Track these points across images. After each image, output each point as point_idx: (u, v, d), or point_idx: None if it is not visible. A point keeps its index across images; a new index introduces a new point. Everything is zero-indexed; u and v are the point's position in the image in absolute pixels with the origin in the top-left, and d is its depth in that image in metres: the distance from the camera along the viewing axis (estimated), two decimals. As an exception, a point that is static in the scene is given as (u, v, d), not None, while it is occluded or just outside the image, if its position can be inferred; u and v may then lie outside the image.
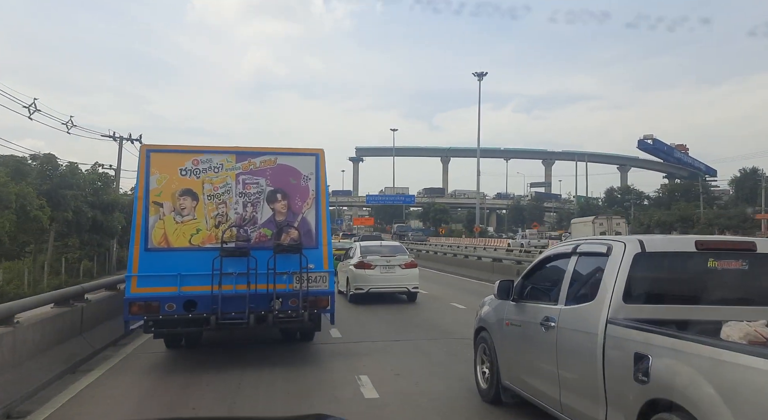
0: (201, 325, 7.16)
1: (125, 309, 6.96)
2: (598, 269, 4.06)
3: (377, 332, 9.83)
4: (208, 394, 6.08)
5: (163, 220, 7.24)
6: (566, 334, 4.17)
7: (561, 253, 4.84)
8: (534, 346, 4.69)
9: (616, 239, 4.18)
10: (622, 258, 3.85)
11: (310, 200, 7.74)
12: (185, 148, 7.80)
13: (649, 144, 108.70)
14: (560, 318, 4.27)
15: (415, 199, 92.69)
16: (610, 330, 3.67)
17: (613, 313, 3.71)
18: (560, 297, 4.40)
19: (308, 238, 7.53)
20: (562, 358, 4.21)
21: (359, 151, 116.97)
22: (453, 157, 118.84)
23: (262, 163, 7.71)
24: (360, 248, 14.68)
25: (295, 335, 8.79)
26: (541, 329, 4.48)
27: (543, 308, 4.62)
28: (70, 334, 7.31)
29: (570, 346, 4.12)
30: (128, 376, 6.92)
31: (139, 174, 7.42)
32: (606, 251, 4.06)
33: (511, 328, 5.18)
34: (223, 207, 7.47)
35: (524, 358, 4.91)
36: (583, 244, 4.56)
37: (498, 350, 5.42)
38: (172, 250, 7.18)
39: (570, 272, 4.45)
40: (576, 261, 4.46)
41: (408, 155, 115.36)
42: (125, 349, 8.32)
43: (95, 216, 26.77)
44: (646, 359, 3.24)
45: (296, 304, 7.23)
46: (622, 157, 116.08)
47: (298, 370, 7.04)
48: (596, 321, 3.78)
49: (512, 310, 5.20)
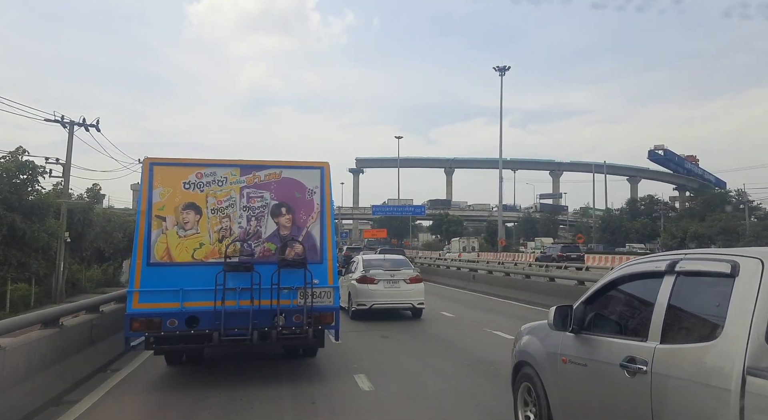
0: (203, 342, 7.25)
1: (126, 325, 7.05)
2: (719, 295, 3.08)
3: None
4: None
5: (166, 234, 7.36)
6: (667, 383, 3.19)
7: (647, 271, 3.80)
8: (610, 396, 3.73)
9: (746, 254, 3.11)
10: (761, 281, 2.87)
11: (315, 214, 7.87)
12: (189, 161, 7.94)
13: (659, 155, 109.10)
14: (655, 360, 3.29)
15: (425, 210, 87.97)
16: (752, 385, 2.65)
17: (754, 359, 2.70)
18: (651, 331, 3.42)
19: (313, 253, 7.65)
20: (660, 416, 3.23)
21: (359, 162, 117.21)
22: (457, 168, 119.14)
23: (267, 177, 7.85)
24: (363, 262, 14.57)
25: (298, 352, 8.89)
26: (622, 373, 3.52)
27: (623, 345, 3.65)
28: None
29: (675, 401, 3.12)
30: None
31: (141, 187, 7.55)
32: (730, 271, 3.05)
33: (571, 367, 4.22)
34: (227, 221, 7.60)
35: (593, 407, 3.97)
36: (687, 261, 3.46)
37: (550, 394, 4.48)
38: (175, 265, 7.29)
39: (666, 297, 3.42)
40: (673, 283, 3.43)
41: (410, 166, 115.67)
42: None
43: (12, 222, 20.34)
44: None
45: (300, 320, 7.33)
46: (633, 168, 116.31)
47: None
48: (727, 369, 2.78)
49: (571, 343, 4.25)
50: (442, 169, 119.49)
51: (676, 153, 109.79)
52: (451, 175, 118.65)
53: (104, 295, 10.60)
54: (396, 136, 76.85)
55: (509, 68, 57.63)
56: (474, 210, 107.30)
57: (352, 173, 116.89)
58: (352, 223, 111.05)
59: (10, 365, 5.64)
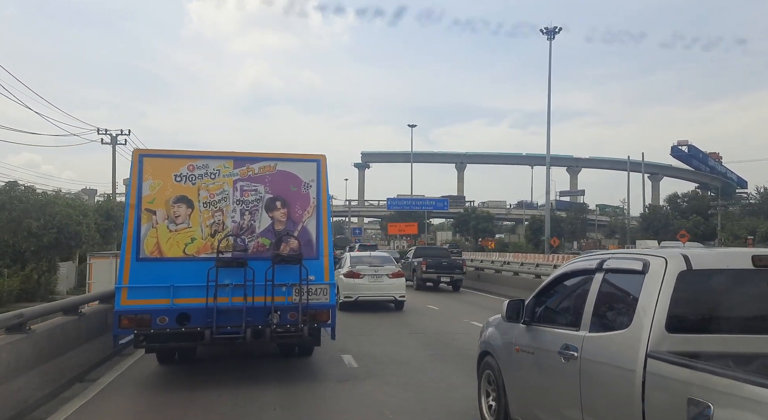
0: (195, 340, 7.37)
1: (115, 322, 7.17)
2: (632, 290, 3.70)
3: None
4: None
5: (156, 229, 7.46)
6: (591, 367, 3.81)
7: (582, 269, 4.50)
8: (551, 379, 4.39)
9: (655, 254, 3.77)
10: (663, 277, 3.48)
11: (310, 208, 7.96)
12: (180, 153, 8.03)
13: (683, 151, 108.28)
14: (584, 347, 3.93)
15: (448, 205, 79.68)
16: (652, 366, 3.26)
17: (654, 344, 3.33)
18: (582, 322, 4.06)
19: (309, 249, 7.75)
20: (587, 395, 3.86)
21: (365, 156, 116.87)
22: (469, 163, 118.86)
23: (261, 169, 7.94)
24: (350, 258, 16.71)
25: (294, 350, 8.99)
26: (559, 359, 4.16)
27: (561, 334, 4.31)
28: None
29: (597, 382, 3.75)
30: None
31: (131, 180, 7.63)
32: (642, 268, 3.66)
33: (522, 355, 4.90)
34: (220, 215, 7.70)
35: (539, 391, 4.61)
36: (612, 260, 4.18)
37: (506, 380, 5.16)
38: (165, 260, 7.39)
39: (594, 292, 4.08)
40: (601, 279, 4.10)
41: (419, 161, 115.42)
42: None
43: None
44: (705, 408, 2.80)
45: (295, 317, 7.43)
46: (654, 164, 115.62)
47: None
48: (633, 354, 3.40)
49: (523, 334, 4.93)
50: (453, 165, 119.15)
51: (700, 149, 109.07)
52: (463, 171, 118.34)
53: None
54: (409, 124, 73.09)
55: (560, 30, 45.76)
56: (489, 208, 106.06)
57: (358, 168, 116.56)
58: (356, 220, 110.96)
59: None
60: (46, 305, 8.46)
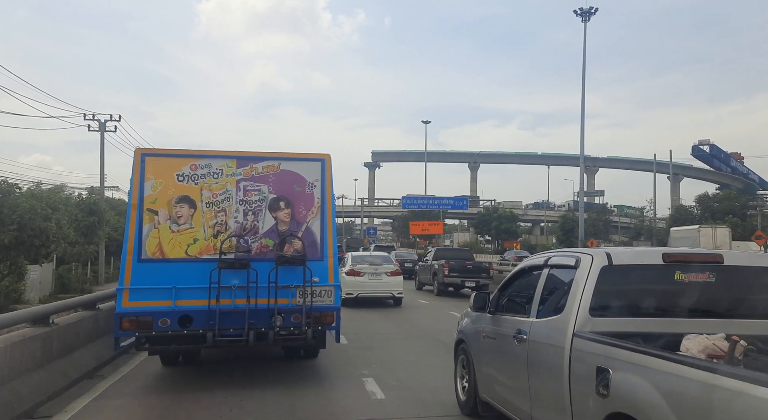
0: (197, 342, 7.40)
1: (116, 324, 7.20)
2: (567, 282, 4.48)
3: None
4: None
5: (158, 229, 7.50)
6: (536, 347, 4.59)
7: (534, 265, 5.34)
8: (507, 359, 5.15)
9: (585, 252, 4.60)
10: (589, 271, 4.27)
11: (315, 209, 7.97)
12: (183, 152, 8.07)
13: (704, 151, 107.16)
14: (531, 331, 4.71)
15: (468, 204, 76.51)
16: (576, 343, 4.05)
17: (580, 326, 4.10)
18: (532, 310, 4.86)
19: (313, 250, 7.75)
20: (532, 371, 4.63)
21: (376, 155, 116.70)
22: (483, 162, 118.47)
23: (265, 169, 7.96)
24: (351, 258, 18.28)
25: (299, 353, 9.01)
26: (513, 342, 4.93)
27: (516, 321, 5.09)
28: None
29: (540, 359, 4.53)
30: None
31: (133, 179, 7.67)
32: (574, 264, 4.47)
33: (487, 341, 5.73)
34: (223, 215, 7.72)
35: (499, 371, 5.39)
36: (555, 257, 5.05)
37: (475, 363, 5.97)
38: (167, 262, 7.43)
39: (541, 285, 4.91)
40: (547, 274, 4.93)
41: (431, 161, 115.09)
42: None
43: None
44: (606, 373, 3.58)
45: (299, 320, 7.44)
46: (675, 165, 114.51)
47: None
48: (563, 334, 4.17)
49: (488, 322, 5.73)
50: (464, 166, 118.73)
51: (722, 149, 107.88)
52: (476, 171, 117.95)
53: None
54: (423, 120, 69.65)
55: (596, 11, 41.68)
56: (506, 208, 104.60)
57: (368, 168, 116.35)
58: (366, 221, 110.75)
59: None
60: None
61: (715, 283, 4.28)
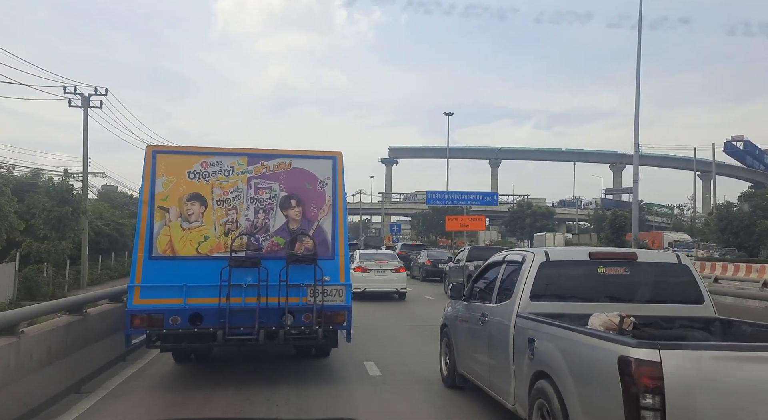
0: (207, 341, 7.55)
1: (126, 322, 7.38)
2: (516, 274, 5.84)
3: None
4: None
5: (169, 227, 7.66)
6: (493, 326, 5.97)
7: (496, 261, 6.78)
8: (475, 338, 6.56)
9: (529, 250, 6.12)
10: (531, 265, 5.66)
11: (326, 207, 8.07)
12: (194, 150, 8.24)
13: (737, 147, 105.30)
14: (490, 314, 6.10)
15: (498, 199, 72.07)
16: (518, 321, 5.41)
17: (522, 308, 5.46)
18: (493, 297, 6.23)
19: (324, 248, 7.87)
20: (490, 345, 5.99)
21: (393, 151, 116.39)
22: (504, 158, 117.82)
23: (276, 167, 8.08)
24: (359, 255, 20.72)
25: (310, 351, 9.16)
26: (479, 323, 6.31)
27: (482, 306, 6.47)
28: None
29: (495, 335, 5.87)
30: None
31: (144, 176, 7.83)
32: (521, 260, 5.91)
33: (462, 324, 7.17)
34: (233, 213, 7.86)
35: (470, 347, 6.79)
36: (510, 255, 6.57)
37: (454, 343, 7.37)
38: (178, 259, 7.59)
39: (500, 277, 6.32)
40: (504, 268, 6.35)
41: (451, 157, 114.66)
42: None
43: None
44: (533, 341, 4.90)
45: (310, 319, 7.56)
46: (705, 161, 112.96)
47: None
48: (510, 315, 5.54)
49: (463, 308, 7.19)
50: (485, 162, 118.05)
51: (756, 145, 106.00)
52: (497, 167, 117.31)
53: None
54: (445, 112, 65.90)
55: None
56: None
57: (385, 164, 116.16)
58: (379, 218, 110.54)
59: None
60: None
61: (629, 275, 5.69)
